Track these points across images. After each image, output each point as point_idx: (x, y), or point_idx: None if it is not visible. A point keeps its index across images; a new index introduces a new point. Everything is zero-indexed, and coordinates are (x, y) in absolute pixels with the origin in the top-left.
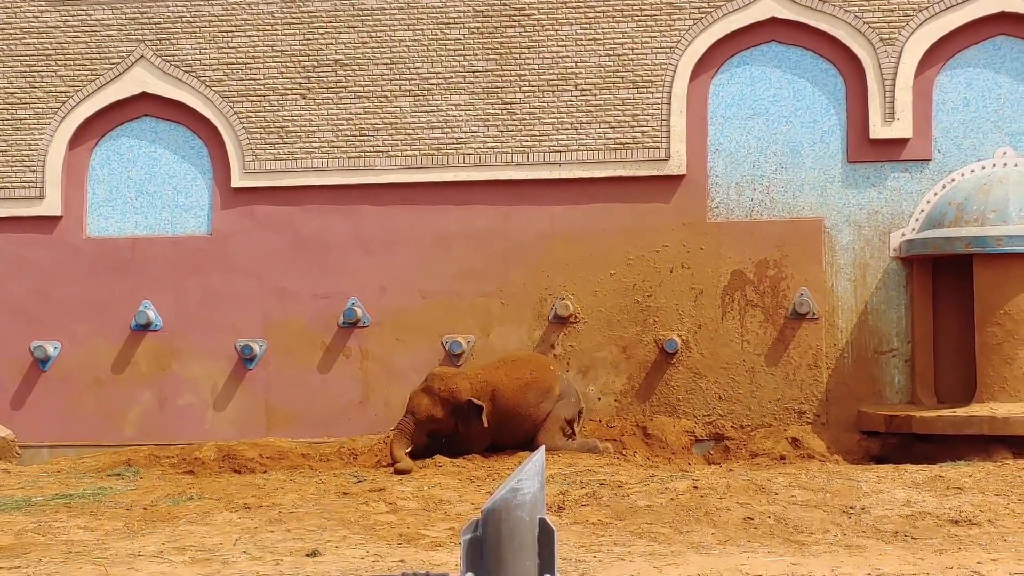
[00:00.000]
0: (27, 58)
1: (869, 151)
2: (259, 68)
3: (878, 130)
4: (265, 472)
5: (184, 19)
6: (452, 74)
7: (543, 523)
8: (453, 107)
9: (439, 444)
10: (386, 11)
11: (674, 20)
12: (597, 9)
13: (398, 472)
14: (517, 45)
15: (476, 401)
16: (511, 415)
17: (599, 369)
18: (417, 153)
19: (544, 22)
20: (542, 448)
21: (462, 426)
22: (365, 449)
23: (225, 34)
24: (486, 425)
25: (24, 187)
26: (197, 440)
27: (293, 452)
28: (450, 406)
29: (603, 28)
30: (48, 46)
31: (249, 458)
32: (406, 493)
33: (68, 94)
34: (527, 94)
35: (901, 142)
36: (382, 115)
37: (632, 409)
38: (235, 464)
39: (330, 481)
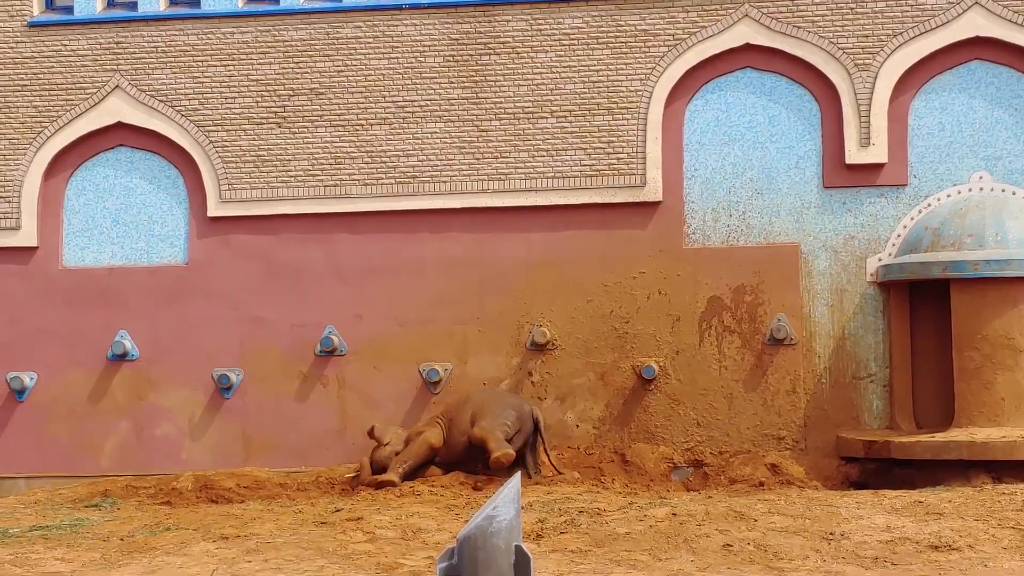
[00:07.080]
0: (2, 88)
1: (845, 176)
2: (234, 97)
3: (854, 155)
4: (243, 502)
5: (159, 49)
6: (427, 102)
7: (519, 550)
8: (428, 135)
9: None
10: (361, 40)
11: (649, 47)
12: (572, 36)
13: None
14: (492, 73)
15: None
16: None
17: (577, 396)
18: (393, 181)
19: (519, 50)
20: (518, 475)
21: None
22: (343, 478)
23: (200, 63)
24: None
25: (0, 218)
26: (174, 470)
27: (271, 482)
28: None
29: (578, 55)
30: (23, 76)
31: (226, 488)
32: (384, 522)
33: (43, 124)
34: (503, 121)
35: (877, 167)
36: (358, 143)
37: (610, 436)
38: (212, 494)
39: (308, 510)
